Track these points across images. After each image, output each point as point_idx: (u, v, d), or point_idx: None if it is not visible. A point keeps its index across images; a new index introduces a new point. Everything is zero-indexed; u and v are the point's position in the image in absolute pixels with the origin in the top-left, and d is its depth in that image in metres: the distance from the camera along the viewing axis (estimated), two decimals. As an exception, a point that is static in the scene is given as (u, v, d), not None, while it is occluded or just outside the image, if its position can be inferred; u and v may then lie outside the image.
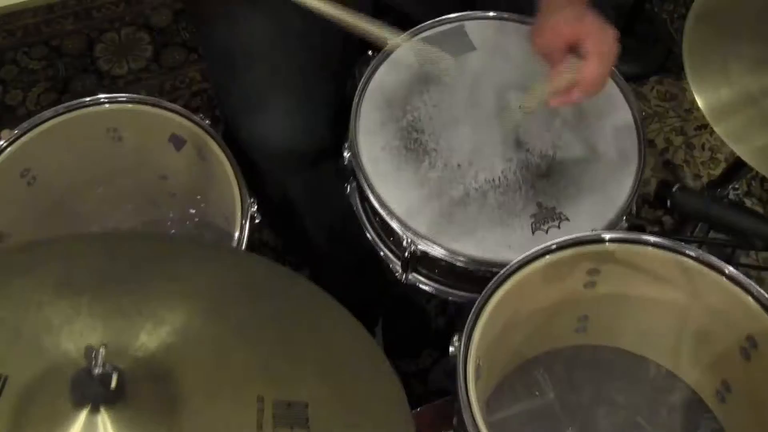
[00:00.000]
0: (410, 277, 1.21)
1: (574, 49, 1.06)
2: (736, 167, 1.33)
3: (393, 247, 1.20)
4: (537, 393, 1.17)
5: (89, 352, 0.71)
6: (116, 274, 0.90)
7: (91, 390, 0.70)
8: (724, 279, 0.96)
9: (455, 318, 1.82)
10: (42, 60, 2.18)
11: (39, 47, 2.20)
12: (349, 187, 1.27)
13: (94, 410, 0.71)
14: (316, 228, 1.44)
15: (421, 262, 1.17)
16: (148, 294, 0.86)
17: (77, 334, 0.79)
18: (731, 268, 0.95)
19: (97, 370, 0.70)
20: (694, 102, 2.10)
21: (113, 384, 0.70)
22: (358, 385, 0.84)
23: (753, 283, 0.94)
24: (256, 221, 1.22)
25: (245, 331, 0.85)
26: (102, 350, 0.70)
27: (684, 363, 1.11)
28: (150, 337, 0.81)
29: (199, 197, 1.42)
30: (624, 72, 2.20)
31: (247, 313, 0.88)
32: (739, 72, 1.06)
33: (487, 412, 1.03)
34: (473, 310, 0.95)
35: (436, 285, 1.21)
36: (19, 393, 0.74)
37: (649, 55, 2.23)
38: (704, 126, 2.11)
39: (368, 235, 1.23)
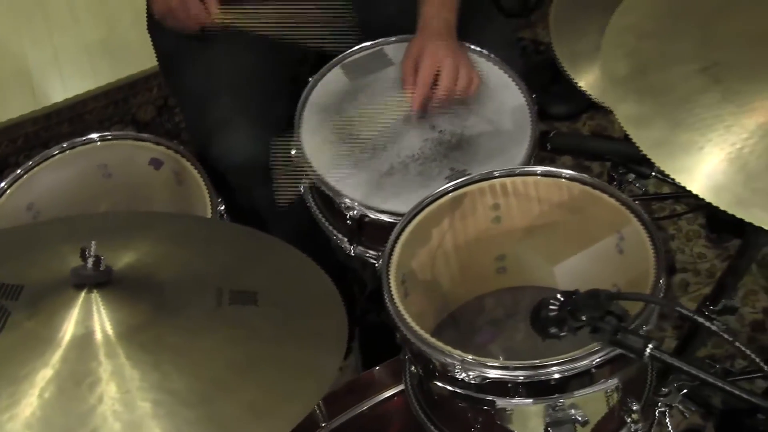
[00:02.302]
0: (357, 250, 1.44)
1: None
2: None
3: (339, 225, 1.44)
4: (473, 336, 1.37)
5: (83, 249, 0.94)
6: (107, 229, 1.14)
7: (86, 274, 0.93)
8: (589, 187, 1.19)
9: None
10: (42, 161, 2.45)
11: (38, 150, 2.47)
12: (302, 186, 1.51)
13: (89, 291, 0.93)
14: (283, 236, 1.67)
15: (363, 231, 1.40)
16: (127, 238, 1.10)
17: (77, 257, 1.02)
18: (592, 177, 1.19)
19: (90, 260, 0.93)
20: (622, 131, 2.37)
21: (103, 266, 0.93)
22: (298, 280, 1.06)
23: (608, 185, 1.18)
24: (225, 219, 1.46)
25: (208, 253, 1.09)
26: (93, 243, 0.93)
27: (584, 280, 1.30)
28: (130, 258, 1.04)
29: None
30: (557, 112, 2.49)
31: (208, 242, 1.12)
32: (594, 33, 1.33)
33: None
34: (393, 232, 1.18)
35: (379, 254, 1.43)
36: (33, 293, 0.96)
37: (576, 97, 2.50)
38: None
39: (320, 220, 1.47)
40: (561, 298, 0.87)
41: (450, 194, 1.24)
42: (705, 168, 0.83)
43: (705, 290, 2.01)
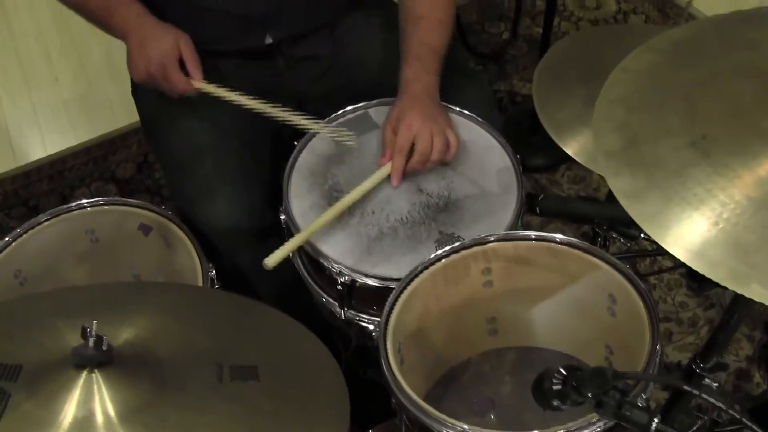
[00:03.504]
0: (348, 314, 1.45)
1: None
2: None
3: (328, 288, 1.45)
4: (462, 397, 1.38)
5: (84, 328, 0.94)
6: (101, 302, 1.14)
7: (88, 354, 0.93)
8: (583, 252, 1.22)
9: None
10: (21, 219, 2.44)
11: (18, 208, 2.48)
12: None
13: (91, 372, 0.93)
14: (267, 298, 1.68)
15: (353, 296, 1.41)
16: (124, 312, 1.10)
17: (76, 337, 1.02)
18: (585, 243, 1.21)
19: (92, 339, 0.93)
20: (600, 181, 2.41)
21: (105, 346, 0.93)
22: (296, 350, 1.07)
23: (602, 251, 1.20)
24: (216, 286, 1.46)
25: (205, 326, 1.09)
26: (94, 323, 0.93)
27: (579, 343, 1.34)
28: (129, 334, 1.04)
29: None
30: (535, 164, 2.52)
31: (204, 315, 1.12)
32: (577, 106, 1.37)
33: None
34: (388, 302, 1.19)
35: (372, 318, 1.45)
36: (32, 373, 0.96)
37: (554, 149, 2.54)
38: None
39: (309, 285, 1.48)
40: (564, 372, 0.88)
41: (443, 260, 1.25)
42: (699, 242, 0.85)
43: (688, 339, 2.03)
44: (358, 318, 1.45)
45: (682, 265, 1.52)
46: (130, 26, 1.49)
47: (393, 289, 1.32)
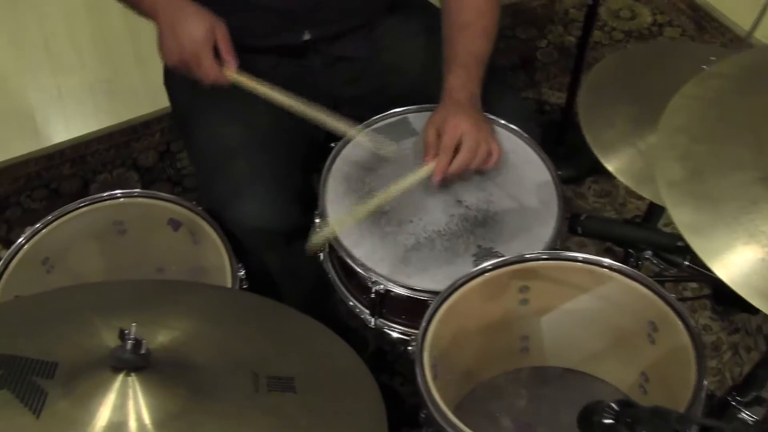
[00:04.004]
0: (378, 322, 1.42)
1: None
2: (650, 211, 1.58)
3: (360, 296, 1.43)
4: (493, 417, 1.36)
5: (122, 331, 0.92)
6: (134, 300, 1.12)
7: (125, 357, 0.91)
8: (620, 275, 1.19)
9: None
10: (42, 201, 2.43)
11: (40, 190, 2.46)
12: (322, 255, 1.49)
13: (128, 375, 0.91)
14: (294, 298, 1.66)
15: (385, 304, 1.39)
16: (158, 313, 1.08)
17: (111, 336, 1.00)
18: (622, 265, 1.18)
19: (130, 342, 0.91)
20: (626, 196, 2.38)
21: (143, 350, 0.90)
22: (331, 361, 1.04)
23: (643, 275, 1.17)
24: (245, 286, 1.44)
25: (240, 331, 1.07)
26: (133, 326, 0.91)
27: (612, 368, 1.31)
28: (165, 338, 1.02)
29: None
30: (561, 177, 2.49)
31: (240, 321, 1.09)
32: (623, 126, 1.34)
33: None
34: (426, 315, 1.17)
35: (401, 327, 1.42)
36: (68, 371, 0.93)
37: (580, 161, 2.51)
38: (637, 216, 2.37)
39: (340, 291, 1.45)
40: (616, 407, 0.86)
41: (482, 276, 1.22)
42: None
43: (710, 363, 2.00)
44: (386, 327, 1.43)
45: (711, 294, 1.50)
46: (160, 5, 1.43)
47: (425, 300, 1.30)
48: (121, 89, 2.70)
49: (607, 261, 1.20)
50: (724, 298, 2.07)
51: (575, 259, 1.22)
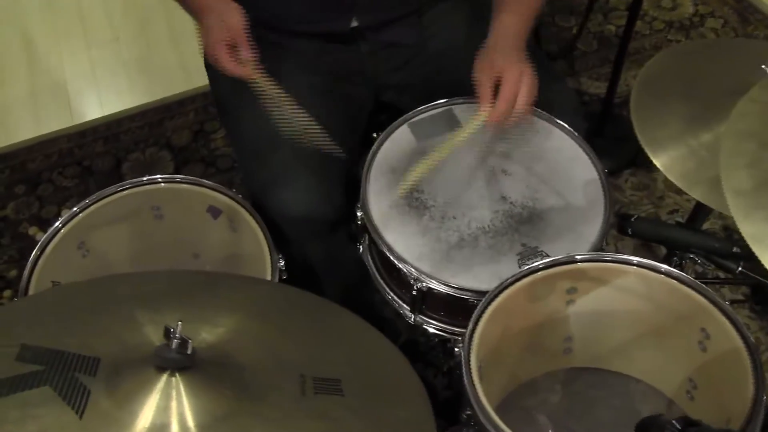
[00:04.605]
0: (417, 318, 1.40)
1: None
2: (696, 211, 1.54)
3: (400, 291, 1.40)
4: (532, 417, 1.33)
5: (167, 328, 0.90)
6: (175, 296, 1.09)
7: (170, 357, 0.88)
8: (672, 280, 1.16)
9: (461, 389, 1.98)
10: (74, 178, 2.42)
11: (72, 167, 2.45)
12: (361, 246, 1.47)
13: (172, 375, 0.89)
14: (333, 287, 1.63)
15: (426, 301, 1.36)
16: (199, 307, 1.06)
17: (153, 330, 0.98)
18: (673, 269, 1.15)
19: (175, 341, 0.89)
20: (664, 190, 2.34)
21: (189, 350, 0.88)
22: (378, 363, 1.02)
23: (697, 281, 1.14)
24: (284, 277, 1.41)
25: (285, 331, 1.04)
26: (179, 324, 0.89)
27: (657, 372, 1.28)
28: (209, 335, 1.00)
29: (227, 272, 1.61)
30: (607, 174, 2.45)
31: (284, 318, 1.07)
32: (677, 127, 1.30)
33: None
34: (473, 316, 1.14)
35: (440, 324, 1.40)
36: (111, 368, 0.91)
37: (618, 152, 2.47)
38: (675, 210, 2.32)
39: (379, 285, 1.43)
40: (678, 426, 0.83)
41: (529, 276, 1.19)
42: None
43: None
44: (425, 324, 1.40)
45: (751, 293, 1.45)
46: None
47: (467, 299, 1.27)
48: (154, 66, 2.68)
49: (663, 267, 1.16)
50: (764, 298, 2.03)
51: (629, 262, 1.18)
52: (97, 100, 2.62)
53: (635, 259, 1.18)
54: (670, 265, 1.20)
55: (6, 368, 0.91)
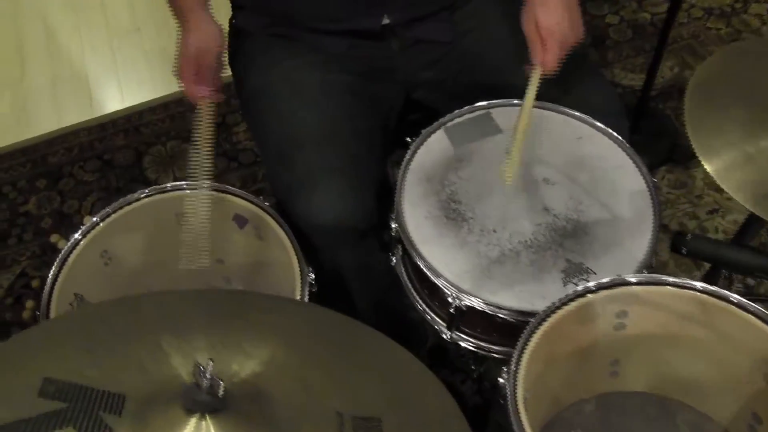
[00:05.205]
0: (454, 335, 1.33)
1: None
2: (748, 224, 1.46)
3: (437, 308, 1.33)
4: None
5: (197, 368, 0.84)
6: (204, 320, 1.03)
7: (201, 399, 0.82)
8: (737, 309, 1.08)
9: (491, 396, 1.92)
10: (95, 172, 2.37)
11: (93, 161, 2.40)
12: (394, 257, 1.40)
13: (202, 418, 0.83)
14: (363, 297, 1.57)
15: (463, 319, 1.29)
16: (229, 333, 0.99)
17: (181, 362, 0.92)
18: (741, 298, 1.07)
19: (206, 383, 0.83)
20: (703, 188, 2.25)
21: (221, 392, 0.82)
22: (420, 401, 0.95)
23: (762, 309, 1.06)
24: (314, 290, 1.35)
25: (320, 362, 0.98)
26: (210, 364, 0.83)
27: (714, 401, 1.21)
28: (240, 368, 0.93)
29: (252, 279, 1.56)
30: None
31: (317, 344, 1.00)
32: (734, 133, 1.21)
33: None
34: (518, 346, 1.07)
35: (475, 342, 1.33)
36: (137, 407, 0.86)
37: (655, 148, 2.38)
38: (715, 210, 2.24)
39: (413, 298, 1.36)
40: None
41: (578, 299, 1.12)
42: None
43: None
44: (462, 341, 1.34)
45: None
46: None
47: (506, 317, 1.21)
48: (176, 57, 2.61)
49: (734, 297, 1.08)
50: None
51: (685, 287, 1.11)
52: (119, 92, 2.56)
53: (699, 284, 1.10)
54: (718, 282, 1.12)
55: (28, 405, 0.85)
